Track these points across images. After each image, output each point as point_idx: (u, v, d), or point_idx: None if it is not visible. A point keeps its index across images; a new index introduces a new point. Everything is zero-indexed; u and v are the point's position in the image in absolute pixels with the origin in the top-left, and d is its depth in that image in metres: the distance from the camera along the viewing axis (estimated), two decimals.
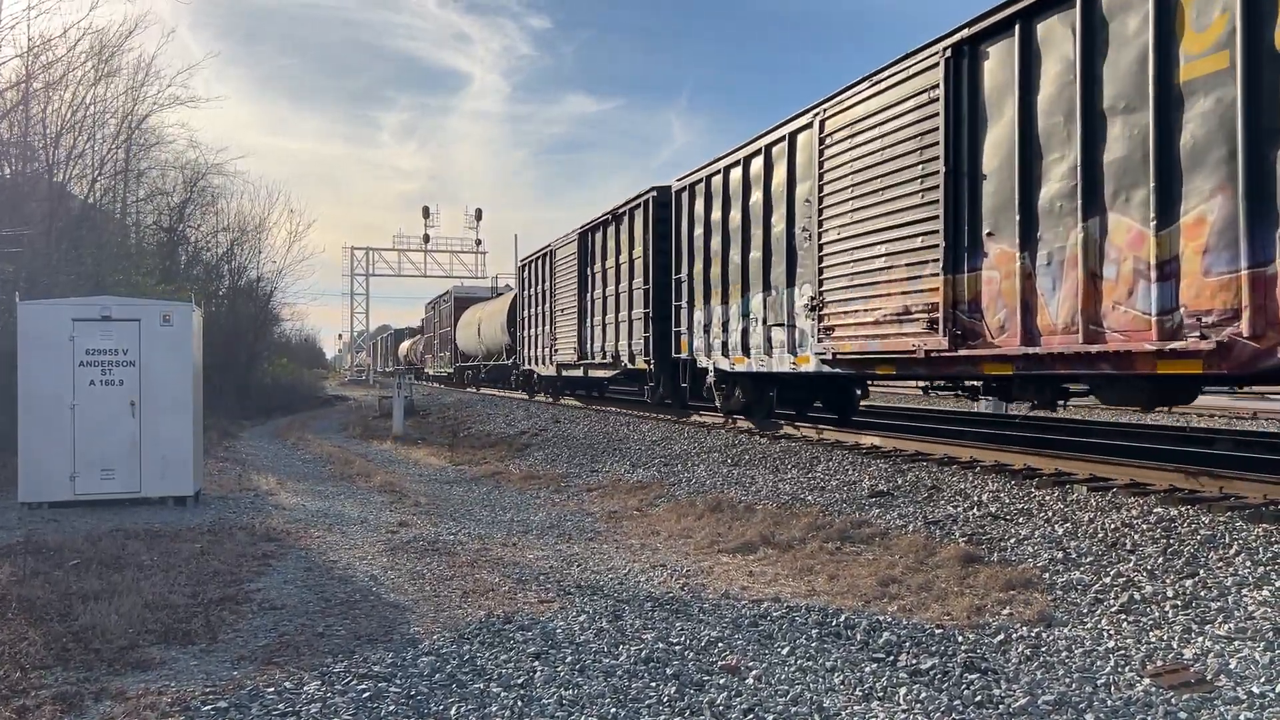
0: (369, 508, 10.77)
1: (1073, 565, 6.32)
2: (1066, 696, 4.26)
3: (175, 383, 10.69)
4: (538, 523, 9.65)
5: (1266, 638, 4.75)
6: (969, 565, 6.58)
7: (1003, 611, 5.58)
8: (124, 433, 10.47)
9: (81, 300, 11.24)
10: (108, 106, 21.64)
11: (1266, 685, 4.23)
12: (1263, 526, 6.42)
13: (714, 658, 4.94)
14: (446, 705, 4.32)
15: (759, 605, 5.96)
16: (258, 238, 34.17)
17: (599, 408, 21.57)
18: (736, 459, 12.22)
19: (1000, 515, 7.78)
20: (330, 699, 4.41)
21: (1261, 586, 5.45)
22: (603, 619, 5.71)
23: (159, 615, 5.88)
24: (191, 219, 30.18)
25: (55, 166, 19.29)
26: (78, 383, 10.37)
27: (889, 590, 6.22)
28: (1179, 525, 6.72)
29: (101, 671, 4.93)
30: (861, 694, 4.40)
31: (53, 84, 18.87)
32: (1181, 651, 4.74)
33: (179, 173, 28.44)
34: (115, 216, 24.23)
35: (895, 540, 7.54)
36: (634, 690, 4.48)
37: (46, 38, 18.22)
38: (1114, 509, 7.35)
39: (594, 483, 12.30)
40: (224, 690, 4.58)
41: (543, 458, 15.41)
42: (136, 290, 17.83)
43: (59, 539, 8.44)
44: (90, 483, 10.39)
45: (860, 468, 10.43)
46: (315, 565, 7.54)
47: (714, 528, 8.64)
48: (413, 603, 6.28)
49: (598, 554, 7.90)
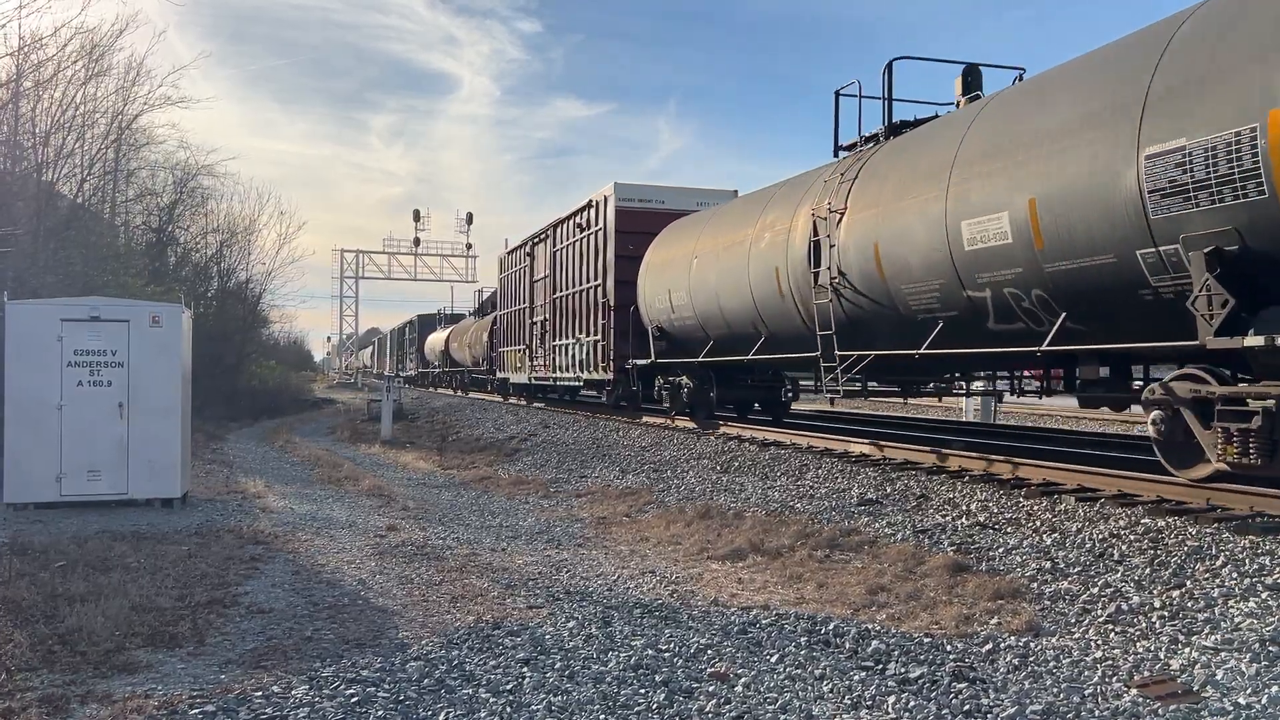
0: (357, 511, 10.74)
1: (1061, 575, 6.34)
2: (1054, 706, 4.28)
3: (164, 384, 10.64)
4: (527, 528, 9.64)
5: (1253, 649, 4.77)
6: (957, 574, 6.60)
7: (991, 621, 5.60)
8: (112, 434, 10.41)
9: (70, 301, 11.18)
10: (98, 106, 21.53)
11: (1253, 696, 4.25)
12: (1249, 538, 6.45)
13: (703, 665, 4.94)
14: (435, 710, 4.31)
15: (748, 613, 5.97)
16: (247, 240, 34.09)
17: (588, 414, 21.59)
18: (726, 466, 12.23)
19: (989, 524, 7.80)
20: (318, 703, 4.40)
21: (1248, 598, 5.48)
22: (592, 625, 5.71)
23: (146, 618, 5.84)
24: (181, 220, 30.10)
25: (44, 166, 19.18)
26: (65, 383, 10.30)
27: (877, 599, 6.24)
28: (1166, 536, 6.75)
29: (88, 674, 4.90)
30: (850, 702, 4.41)
31: (43, 83, 18.77)
32: (1168, 662, 4.76)
33: (169, 173, 28.40)
34: (104, 217, 24.10)
35: (884, 549, 7.56)
36: (623, 697, 4.47)
37: (37, 36, 18.13)
38: (1102, 519, 7.38)
39: (583, 488, 12.29)
40: (211, 694, 4.56)
41: (532, 463, 15.40)
42: (125, 291, 17.73)
43: (45, 540, 8.39)
44: (77, 484, 10.32)
45: (849, 476, 10.45)
46: (303, 569, 7.51)
47: (703, 534, 8.64)
48: (401, 607, 6.26)
49: (587, 560, 7.90)
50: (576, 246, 21.04)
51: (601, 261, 19.34)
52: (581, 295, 20.63)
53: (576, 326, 21.01)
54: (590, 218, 20.27)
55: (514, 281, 28.19)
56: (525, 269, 26.43)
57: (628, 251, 18.23)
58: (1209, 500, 7.55)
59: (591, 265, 19.97)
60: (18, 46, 17.58)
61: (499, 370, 30.71)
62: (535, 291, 25.11)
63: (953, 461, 10.32)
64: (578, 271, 20.94)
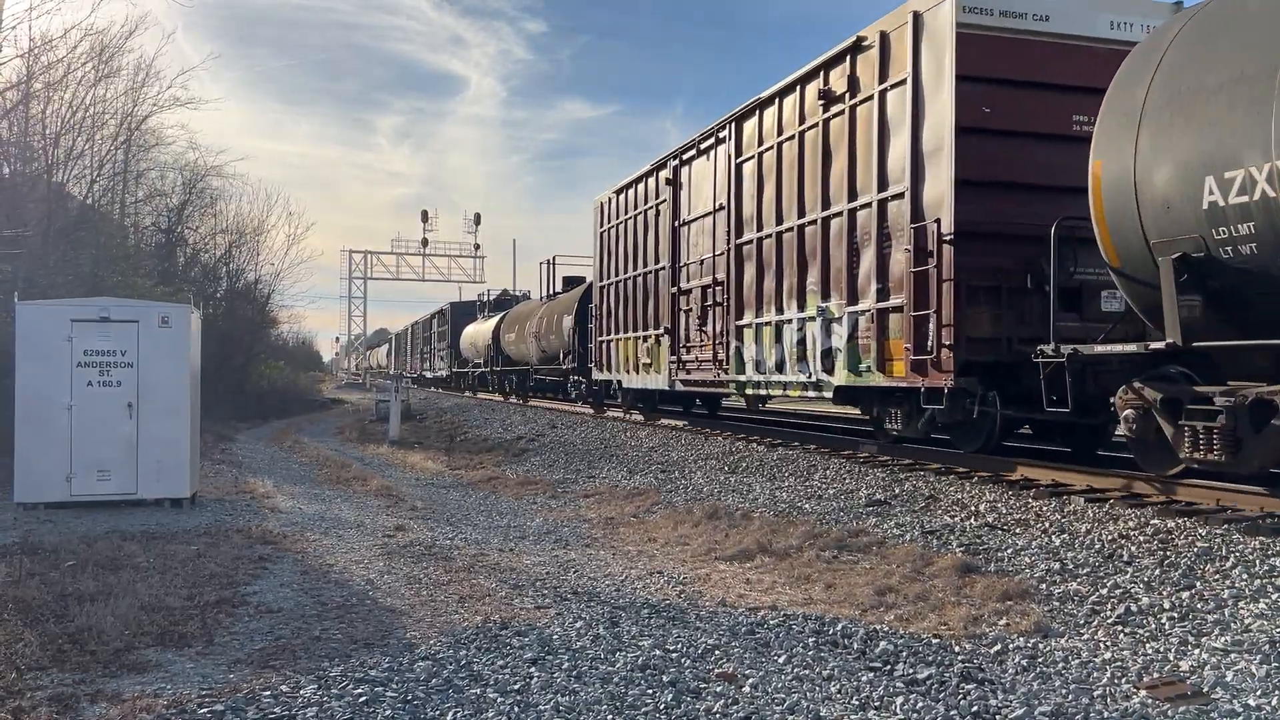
0: (365, 512, 10.76)
1: (1069, 576, 6.32)
2: (1063, 708, 4.27)
3: (173, 385, 10.67)
4: (534, 528, 9.64)
5: (1263, 650, 4.75)
6: (966, 575, 6.58)
7: (999, 622, 5.59)
8: (121, 434, 10.45)
9: (80, 301, 11.22)
10: (107, 107, 21.64)
11: (1263, 698, 4.24)
12: (1259, 539, 6.43)
13: (711, 665, 4.94)
14: (443, 710, 4.32)
15: (756, 613, 5.96)
16: (256, 240, 34.19)
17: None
18: (733, 467, 12.22)
19: (997, 525, 7.78)
20: (326, 703, 4.41)
21: (1258, 599, 5.45)
22: (599, 625, 5.70)
23: (155, 617, 5.86)
24: (190, 221, 30.23)
25: (54, 167, 19.27)
26: (75, 384, 10.34)
27: (886, 599, 6.22)
28: (1176, 537, 6.73)
29: (97, 673, 4.91)
30: (858, 703, 4.40)
31: (53, 84, 18.86)
32: (1178, 664, 4.75)
33: (178, 174, 28.51)
34: (114, 217, 24.21)
35: (892, 549, 7.54)
36: (630, 697, 4.47)
37: (47, 38, 18.22)
38: (1111, 520, 7.36)
39: (590, 489, 12.30)
40: (220, 693, 4.57)
41: (539, 463, 15.40)
42: (134, 292, 17.80)
43: (55, 540, 8.42)
44: (87, 484, 10.36)
45: (858, 476, 10.43)
46: (311, 569, 7.53)
47: (711, 535, 8.64)
48: (409, 607, 6.27)
49: (594, 560, 7.90)
50: (818, 135, 11.88)
51: (910, 148, 10.12)
52: (829, 226, 11.71)
53: (807, 286, 12.21)
54: (870, 66, 10.92)
55: (630, 234, 18.99)
56: (656, 209, 17.45)
57: (981, 121, 9.64)
58: (1219, 501, 7.54)
59: (870, 161, 10.86)
60: (28, 48, 17.71)
61: (600, 368, 21.03)
62: (688, 241, 15.95)
63: (962, 462, 10.29)
64: (820, 181, 11.83)
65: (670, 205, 16.59)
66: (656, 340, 17.13)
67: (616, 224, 19.94)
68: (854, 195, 11.15)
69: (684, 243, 16.11)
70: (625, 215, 19.32)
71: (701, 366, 15.14)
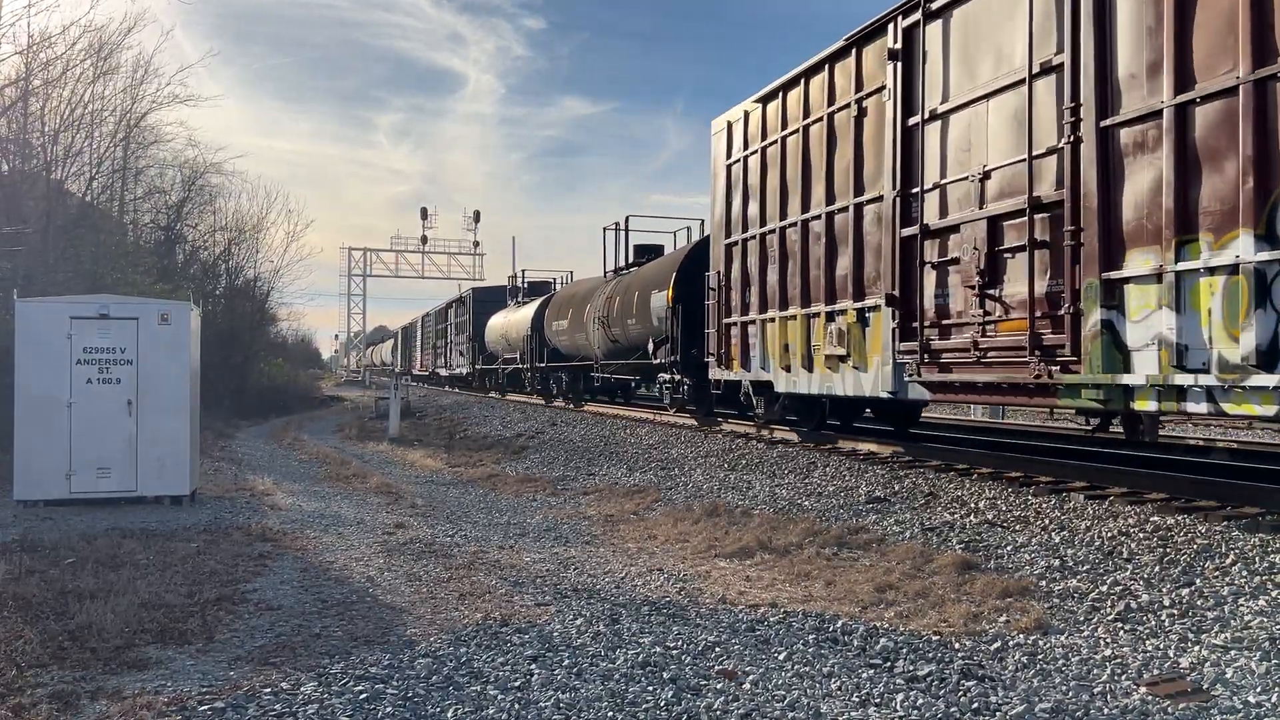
0: (365, 509, 10.76)
1: (1069, 573, 6.33)
2: (1063, 705, 4.27)
3: (173, 382, 10.67)
4: (534, 526, 9.65)
5: (1263, 647, 4.76)
6: (966, 572, 6.59)
7: (999, 619, 5.59)
8: (121, 431, 10.45)
9: (79, 298, 11.22)
10: (106, 104, 21.60)
11: (1263, 695, 4.24)
12: (1259, 536, 6.43)
13: (711, 663, 4.94)
14: (444, 707, 4.32)
15: (756, 610, 5.96)
16: (255, 237, 34.13)
17: (594, 411, 21.55)
18: (733, 464, 12.22)
19: (997, 523, 7.79)
20: (327, 700, 4.41)
21: (1258, 596, 5.46)
22: (600, 623, 5.71)
23: (155, 615, 5.86)
24: (189, 218, 30.18)
25: (53, 164, 19.26)
26: (75, 381, 10.35)
27: (886, 596, 6.23)
28: (1175, 534, 6.73)
29: (97, 671, 4.92)
30: (858, 700, 4.41)
31: (52, 81, 18.83)
32: (1178, 661, 4.75)
33: (177, 171, 28.47)
34: (113, 215, 24.18)
35: (892, 547, 7.55)
36: (631, 694, 4.47)
37: (46, 35, 18.20)
38: (1111, 517, 7.37)
39: (590, 486, 12.30)
40: (221, 691, 4.57)
41: (539, 460, 15.40)
42: (134, 289, 17.81)
43: (55, 537, 8.43)
44: (86, 481, 10.36)
45: (857, 474, 10.43)
46: (311, 566, 7.53)
47: (711, 533, 8.64)
48: (409, 605, 6.27)
49: (594, 558, 7.90)
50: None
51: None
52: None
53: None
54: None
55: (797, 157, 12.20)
56: (858, 107, 10.89)
57: None
58: (1218, 498, 7.54)
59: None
60: (26, 45, 17.68)
61: (722, 364, 14.39)
62: (944, 146, 9.29)
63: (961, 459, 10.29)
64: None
65: (894, 94, 10.05)
66: (859, 317, 10.89)
67: (764, 145, 13.15)
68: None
69: (927, 152, 9.52)
70: (784, 130, 12.60)
71: (986, 357, 8.70)
